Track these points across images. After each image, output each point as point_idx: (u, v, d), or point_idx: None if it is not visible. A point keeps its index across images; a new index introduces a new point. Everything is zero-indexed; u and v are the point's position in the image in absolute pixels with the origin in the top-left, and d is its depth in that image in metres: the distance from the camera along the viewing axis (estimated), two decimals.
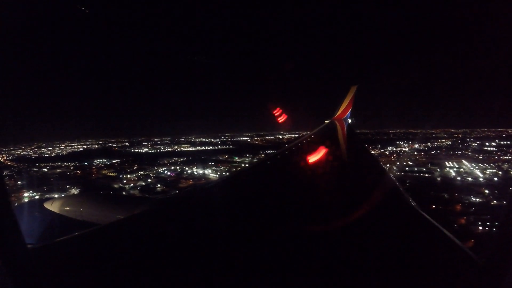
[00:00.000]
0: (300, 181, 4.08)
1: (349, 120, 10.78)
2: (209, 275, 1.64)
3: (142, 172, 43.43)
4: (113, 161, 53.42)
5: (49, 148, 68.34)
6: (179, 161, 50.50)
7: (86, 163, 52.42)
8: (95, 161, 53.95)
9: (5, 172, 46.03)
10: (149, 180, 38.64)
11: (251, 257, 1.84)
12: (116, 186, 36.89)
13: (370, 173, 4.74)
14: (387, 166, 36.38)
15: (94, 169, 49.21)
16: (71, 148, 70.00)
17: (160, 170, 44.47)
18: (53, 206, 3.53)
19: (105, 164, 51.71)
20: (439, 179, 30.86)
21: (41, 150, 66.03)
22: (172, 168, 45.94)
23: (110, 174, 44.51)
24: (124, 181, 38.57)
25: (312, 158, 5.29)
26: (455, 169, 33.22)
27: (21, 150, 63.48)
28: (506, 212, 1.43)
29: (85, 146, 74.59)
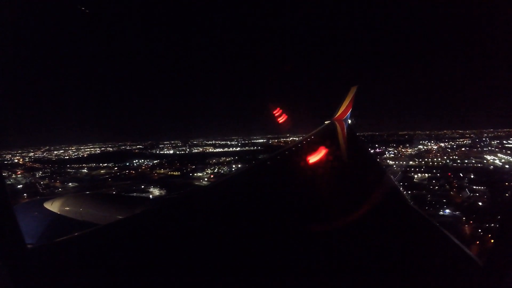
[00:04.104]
0: (300, 181, 4.11)
1: (349, 121, 11.00)
2: (209, 275, 1.66)
3: (210, 170, 42.55)
4: (154, 162, 50.67)
5: (61, 151, 60.77)
6: (228, 161, 50.37)
7: (127, 164, 48.67)
8: (134, 162, 50.41)
9: (40, 173, 40.97)
10: None
11: (250, 257, 1.87)
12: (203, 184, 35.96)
13: (370, 173, 4.82)
14: (438, 160, 42.93)
15: (144, 168, 46.12)
16: (85, 151, 63.19)
17: (225, 168, 44.07)
18: (53, 206, 3.52)
19: (149, 165, 48.75)
20: (491, 167, 37.78)
21: (54, 153, 58.41)
22: (233, 167, 45.87)
23: (174, 173, 42.53)
24: (206, 179, 37.62)
25: (312, 158, 5.34)
26: (497, 160, 40.39)
27: (32, 153, 55.43)
28: (507, 212, 1.46)
29: (98, 149, 67.89)
